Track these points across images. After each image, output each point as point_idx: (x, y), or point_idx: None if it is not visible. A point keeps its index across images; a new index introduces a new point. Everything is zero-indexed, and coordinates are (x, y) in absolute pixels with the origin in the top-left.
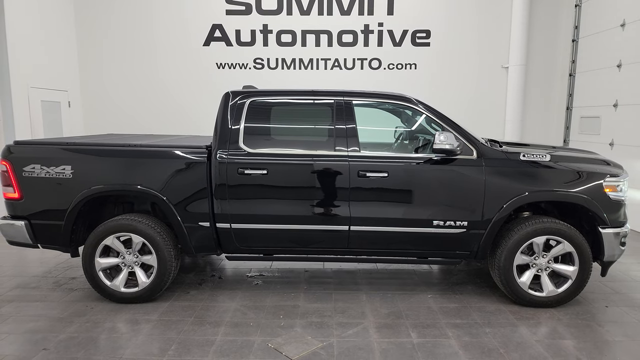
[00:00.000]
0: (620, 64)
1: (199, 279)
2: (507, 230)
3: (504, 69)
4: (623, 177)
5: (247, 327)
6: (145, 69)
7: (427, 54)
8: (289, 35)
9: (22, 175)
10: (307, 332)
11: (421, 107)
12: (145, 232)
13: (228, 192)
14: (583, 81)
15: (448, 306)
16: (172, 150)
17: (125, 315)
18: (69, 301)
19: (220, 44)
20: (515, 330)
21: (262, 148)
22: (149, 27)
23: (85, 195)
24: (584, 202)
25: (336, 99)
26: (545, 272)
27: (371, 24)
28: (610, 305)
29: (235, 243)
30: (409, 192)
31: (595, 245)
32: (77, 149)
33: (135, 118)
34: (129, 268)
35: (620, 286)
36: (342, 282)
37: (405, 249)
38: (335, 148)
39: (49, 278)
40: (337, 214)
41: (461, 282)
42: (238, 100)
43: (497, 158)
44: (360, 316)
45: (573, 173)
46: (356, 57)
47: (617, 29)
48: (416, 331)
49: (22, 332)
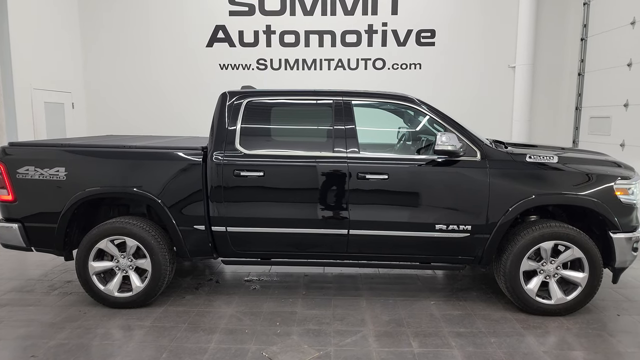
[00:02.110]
0: (630, 63)
1: (195, 283)
2: (513, 234)
3: (511, 69)
4: (635, 179)
5: (242, 334)
6: (149, 70)
7: (431, 54)
8: (292, 36)
9: (16, 177)
10: (304, 340)
11: (423, 107)
12: (140, 235)
13: (224, 194)
14: (592, 80)
15: (451, 313)
16: (167, 151)
17: (118, 321)
18: (63, 306)
19: (223, 45)
20: (522, 340)
21: (258, 149)
22: (152, 29)
23: (79, 197)
24: (593, 206)
25: (335, 99)
26: (553, 279)
27: (375, 23)
28: (622, 314)
29: (231, 247)
30: (410, 195)
31: (606, 250)
32: (71, 150)
33: (139, 119)
34: (123, 272)
35: (632, 293)
36: (342, 288)
37: (406, 253)
38: (334, 149)
39: (45, 281)
40: (336, 217)
41: (465, 288)
42: (235, 101)
43: (502, 160)
44: (359, 323)
45: (582, 175)
46: (360, 57)
47: (627, 27)
48: (417, 340)
49: (12, 337)
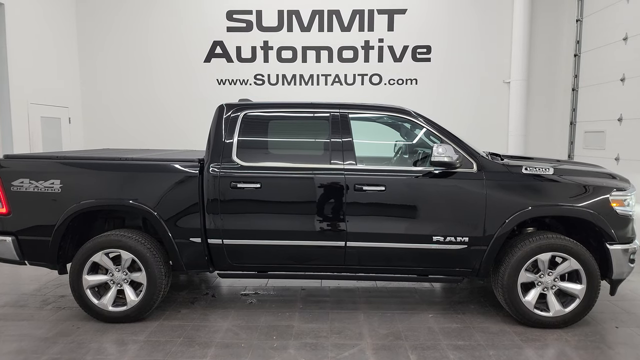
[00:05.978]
0: (623, 78)
1: (191, 297)
2: (510, 246)
3: (506, 84)
4: (630, 191)
5: (238, 349)
6: (147, 86)
7: (428, 70)
8: (289, 52)
9: (11, 189)
10: (301, 354)
11: (420, 120)
12: (135, 248)
13: (220, 206)
14: (586, 95)
15: (450, 326)
16: (163, 164)
17: (112, 336)
18: (56, 320)
19: (221, 60)
20: (521, 353)
21: (255, 161)
22: (150, 44)
23: (74, 210)
24: (590, 217)
25: (332, 112)
26: (551, 291)
27: (371, 39)
28: (620, 326)
29: (227, 260)
30: (407, 207)
31: (603, 262)
32: (67, 162)
33: (136, 134)
34: (118, 286)
35: (630, 306)
36: (339, 301)
37: (404, 265)
38: (331, 161)
39: (38, 296)
40: (333, 229)
41: (463, 301)
42: (232, 113)
43: (499, 171)
44: (357, 337)
45: (578, 187)
46: (357, 72)
47: (619, 43)
48: (416, 353)
49: (4, 352)
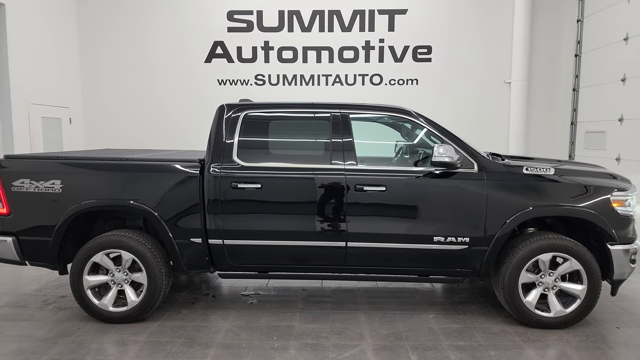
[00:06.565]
0: (624, 78)
1: (192, 298)
2: (511, 246)
3: (507, 84)
4: (631, 191)
5: (238, 349)
6: (147, 86)
7: (428, 70)
8: (290, 52)
9: (11, 190)
10: (301, 354)
11: (421, 120)
12: (136, 248)
13: (221, 207)
14: (587, 96)
15: (450, 327)
16: (164, 164)
17: (112, 336)
18: (56, 321)
19: (221, 61)
20: (522, 354)
21: (256, 162)
22: (150, 44)
23: (74, 210)
24: (591, 218)
25: (333, 112)
26: (552, 291)
27: (372, 40)
28: (621, 327)
29: (228, 260)
30: (408, 207)
31: (604, 262)
32: (67, 163)
33: (137, 134)
34: (119, 286)
35: (631, 306)
36: (340, 302)
37: (404, 266)
38: (332, 162)
39: (39, 296)
40: (334, 230)
41: (464, 302)
42: (232, 114)
43: (499, 171)
44: (358, 337)
45: (579, 187)
46: (357, 73)
47: (620, 43)
48: (416, 354)
49: (4, 353)
